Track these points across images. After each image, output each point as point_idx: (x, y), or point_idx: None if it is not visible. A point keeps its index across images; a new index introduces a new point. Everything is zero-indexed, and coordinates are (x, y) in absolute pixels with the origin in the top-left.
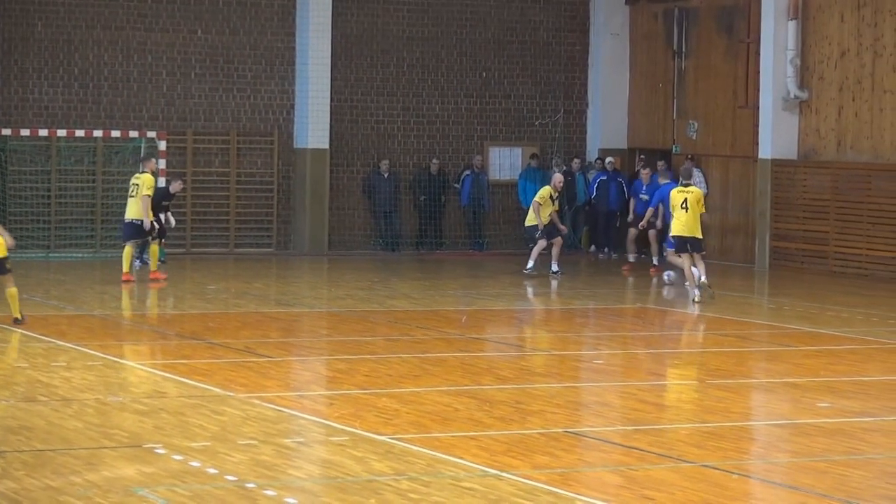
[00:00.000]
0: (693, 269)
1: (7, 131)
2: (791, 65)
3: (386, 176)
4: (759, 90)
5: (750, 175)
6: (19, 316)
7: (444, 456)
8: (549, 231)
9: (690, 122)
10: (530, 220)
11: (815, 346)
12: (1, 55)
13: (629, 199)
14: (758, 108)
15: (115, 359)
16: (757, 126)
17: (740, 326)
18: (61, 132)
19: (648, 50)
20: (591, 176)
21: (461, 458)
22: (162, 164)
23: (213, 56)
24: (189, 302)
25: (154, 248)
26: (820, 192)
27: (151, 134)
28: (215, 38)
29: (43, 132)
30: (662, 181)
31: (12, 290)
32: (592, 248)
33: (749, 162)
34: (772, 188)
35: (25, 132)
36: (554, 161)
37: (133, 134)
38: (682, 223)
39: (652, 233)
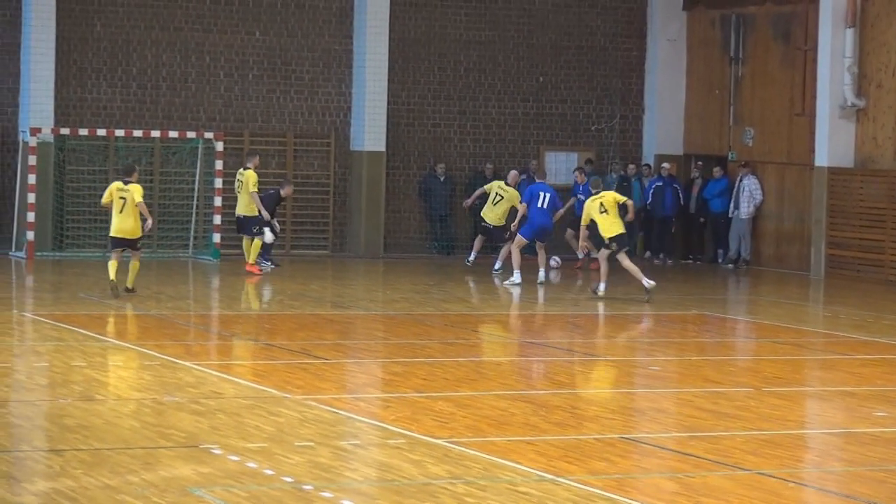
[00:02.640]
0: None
1: (66, 131)
2: (848, 72)
3: (442, 179)
4: (815, 98)
5: (806, 183)
6: (131, 286)
7: (500, 460)
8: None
9: (746, 128)
10: (498, 218)
11: (871, 355)
12: (60, 55)
13: (683, 204)
14: (814, 115)
15: (172, 359)
16: (813, 134)
17: (796, 334)
18: (119, 132)
19: (705, 56)
20: (646, 182)
21: (517, 462)
22: (219, 165)
23: (270, 58)
24: (246, 303)
25: (257, 242)
26: (876, 200)
27: (209, 135)
28: (273, 39)
29: (101, 132)
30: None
31: (136, 263)
32: (648, 253)
33: (805, 169)
34: (828, 196)
35: (84, 132)
36: (610, 166)
37: (190, 134)
38: (608, 225)
39: (584, 231)
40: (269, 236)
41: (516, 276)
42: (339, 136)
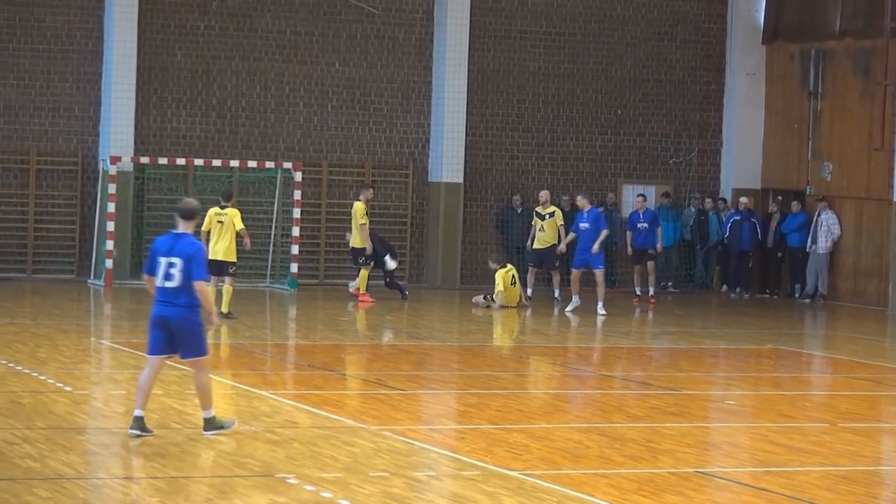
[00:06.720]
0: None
1: (145, 159)
2: None
3: (519, 211)
4: (894, 132)
5: (884, 218)
6: (226, 310)
7: (574, 493)
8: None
9: (825, 163)
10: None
11: None
12: (140, 84)
13: (761, 238)
14: (893, 150)
15: (248, 388)
16: (892, 169)
17: (872, 370)
18: (198, 161)
19: (784, 90)
20: (723, 216)
21: (591, 495)
22: (297, 195)
23: (349, 89)
24: (321, 333)
25: (364, 273)
26: None
27: (287, 165)
28: (353, 70)
29: (180, 161)
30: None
31: (229, 288)
32: (724, 287)
33: (884, 204)
34: None
35: (163, 160)
36: (688, 200)
37: (269, 164)
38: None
39: (650, 264)
40: (391, 264)
41: (575, 300)
42: (417, 168)
